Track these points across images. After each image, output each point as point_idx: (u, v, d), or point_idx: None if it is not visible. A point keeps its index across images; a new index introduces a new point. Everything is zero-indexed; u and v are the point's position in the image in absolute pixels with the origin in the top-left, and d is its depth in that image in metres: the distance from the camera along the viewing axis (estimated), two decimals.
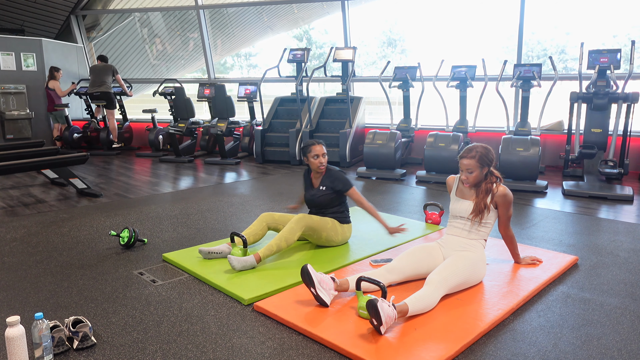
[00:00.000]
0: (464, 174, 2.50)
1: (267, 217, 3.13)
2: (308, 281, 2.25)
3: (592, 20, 14.58)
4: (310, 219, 3.01)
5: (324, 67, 7.20)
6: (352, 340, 1.96)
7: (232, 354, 1.93)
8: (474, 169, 2.46)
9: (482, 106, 6.42)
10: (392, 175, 5.79)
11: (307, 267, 2.26)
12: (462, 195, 2.60)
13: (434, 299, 2.20)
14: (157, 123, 8.27)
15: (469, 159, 2.46)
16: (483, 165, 2.47)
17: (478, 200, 2.50)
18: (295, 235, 2.91)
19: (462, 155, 2.49)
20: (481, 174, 2.49)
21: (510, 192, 2.54)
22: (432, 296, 2.20)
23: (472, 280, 2.45)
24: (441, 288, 2.25)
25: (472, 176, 2.48)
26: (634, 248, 3.23)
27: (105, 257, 3.07)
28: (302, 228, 2.95)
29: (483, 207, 2.48)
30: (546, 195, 4.89)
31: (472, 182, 2.50)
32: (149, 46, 11.29)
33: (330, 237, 3.12)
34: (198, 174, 6.29)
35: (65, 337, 1.96)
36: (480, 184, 2.52)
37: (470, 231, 2.53)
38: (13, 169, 4.74)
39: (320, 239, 3.10)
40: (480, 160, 2.45)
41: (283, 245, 2.87)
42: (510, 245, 2.76)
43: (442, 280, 2.27)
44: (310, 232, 3.03)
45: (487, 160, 2.47)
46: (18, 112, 8.31)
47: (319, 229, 3.05)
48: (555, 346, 1.98)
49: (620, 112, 5.19)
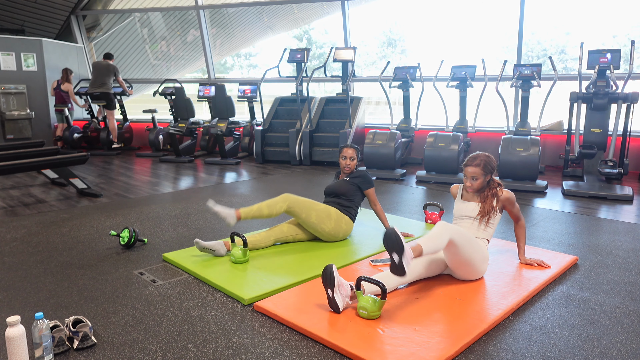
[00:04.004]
0: (469, 181, 2.63)
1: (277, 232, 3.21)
2: (328, 282, 2.20)
3: (592, 20, 14.59)
4: (295, 197, 3.17)
5: (324, 67, 7.20)
6: (352, 340, 1.96)
7: (232, 354, 1.93)
8: (478, 176, 2.60)
9: (482, 106, 6.43)
10: (392, 175, 5.80)
11: (331, 268, 2.21)
12: (467, 199, 2.74)
13: (442, 240, 2.28)
14: (157, 123, 8.27)
15: (474, 167, 2.60)
16: (487, 172, 2.61)
17: (485, 203, 2.64)
18: (277, 204, 3.11)
19: (466, 164, 2.63)
20: (484, 180, 2.63)
21: (512, 192, 2.69)
22: (441, 236, 2.28)
23: (473, 264, 2.47)
24: (450, 232, 2.31)
25: (476, 183, 2.62)
26: (633, 248, 3.23)
27: (105, 257, 3.07)
28: (287, 201, 3.12)
29: (490, 209, 2.62)
30: (546, 195, 4.89)
31: (477, 188, 2.64)
32: (150, 46, 11.30)
33: (322, 220, 3.14)
34: (198, 174, 6.29)
35: (66, 337, 1.96)
36: (483, 190, 2.67)
37: (477, 230, 2.64)
38: (13, 169, 4.74)
39: (310, 218, 3.13)
40: (485, 168, 2.60)
41: (264, 211, 3.08)
42: (521, 234, 2.83)
43: (452, 227, 2.34)
44: (297, 209, 3.12)
45: (491, 167, 2.62)
46: (18, 112, 8.31)
47: (307, 207, 3.14)
48: (555, 346, 1.98)
49: (620, 112, 5.19)
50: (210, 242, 2.96)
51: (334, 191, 3.37)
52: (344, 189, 3.33)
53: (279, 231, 3.19)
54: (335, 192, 3.36)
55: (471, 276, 2.54)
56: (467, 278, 2.55)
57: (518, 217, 2.79)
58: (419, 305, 2.28)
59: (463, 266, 2.47)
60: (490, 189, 2.66)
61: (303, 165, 6.94)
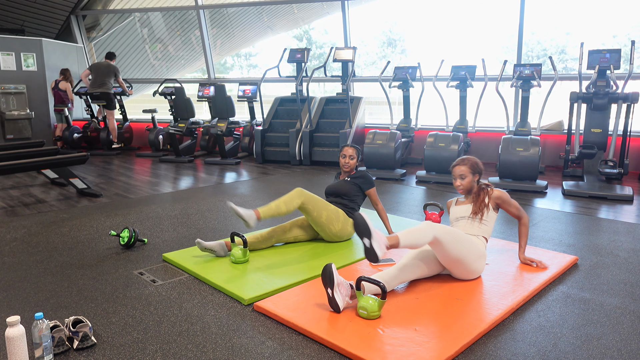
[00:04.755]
0: (458, 180, 2.74)
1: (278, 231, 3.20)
2: (328, 281, 2.20)
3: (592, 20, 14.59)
4: (308, 193, 3.12)
5: (324, 67, 7.20)
6: (352, 340, 1.96)
7: (232, 354, 1.93)
8: (466, 174, 2.71)
9: (482, 106, 6.43)
10: (392, 175, 5.80)
11: (331, 267, 2.21)
12: (460, 204, 2.83)
13: (424, 236, 2.33)
14: (157, 123, 8.27)
15: (462, 166, 2.73)
16: (474, 172, 2.73)
17: (476, 201, 2.71)
18: (294, 201, 3.03)
19: (455, 164, 2.77)
20: (473, 180, 2.73)
21: (503, 191, 2.77)
22: (424, 233, 2.33)
23: (466, 261, 2.46)
24: (434, 230, 2.33)
25: (464, 181, 2.72)
26: (634, 248, 3.23)
27: (105, 257, 3.07)
28: (302, 197, 3.06)
29: (482, 206, 2.69)
30: (546, 195, 4.89)
31: (466, 186, 2.73)
32: (150, 46, 11.30)
33: (331, 221, 3.15)
34: (198, 174, 6.29)
35: (66, 337, 1.96)
36: (472, 191, 2.76)
37: (472, 227, 2.68)
38: (13, 169, 4.74)
39: (321, 217, 3.12)
40: (472, 168, 2.72)
41: (282, 209, 2.98)
42: (524, 232, 2.85)
43: (438, 226, 2.37)
44: (310, 206, 3.09)
45: (478, 168, 2.74)
46: (18, 112, 8.31)
47: (319, 206, 3.12)
48: (555, 346, 1.98)
49: (620, 112, 5.19)
50: (212, 243, 2.96)
51: (335, 191, 3.37)
52: (345, 189, 3.34)
53: (280, 231, 3.19)
54: (336, 192, 3.36)
55: (467, 274, 2.54)
56: (464, 277, 2.55)
57: (519, 215, 2.82)
58: (419, 305, 2.28)
59: (455, 264, 2.48)
60: (480, 189, 2.75)
61: (303, 165, 6.94)
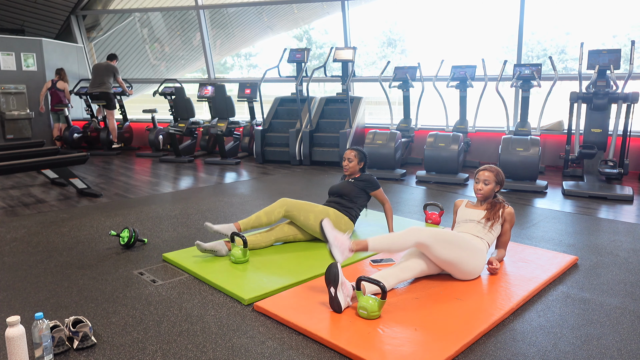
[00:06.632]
0: (481, 184, 2.77)
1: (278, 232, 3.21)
2: (332, 280, 2.20)
3: (592, 20, 14.59)
4: (291, 200, 3.20)
5: (324, 67, 7.20)
6: (352, 340, 1.96)
7: (232, 354, 1.93)
8: (490, 181, 2.76)
9: (482, 106, 6.43)
10: (392, 175, 5.80)
11: (337, 266, 2.21)
12: (472, 207, 2.85)
13: (402, 241, 2.38)
14: (157, 123, 8.27)
15: (489, 172, 2.78)
16: (497, 181, 2.78)
17: (492, 210, 2.74)
18: (275, 211, 3.14)
19: (482, 168, 2.81)
20: (494, 189, 2.78)
21: (513, 211, 2.81)
22: (403, 238, 2.38)
23: (459, 262, 2.46)
24: (417, 235, 2.36)
25: (487, 187, 2.76)
26: (633, 248, 3.23)
27: (105, 257, 3.07)
28: (284, 206, 3.16)
29: (496, 217, 2.73)
30: (546, 195, 4.89)
31: (485, 193, 2.77)
32: (151, 47, 11.29)
33: (319, 219, 3.13)
34: (198, 174, 6.29)
35: (66, 337, 1.96)
36: (488, 199, 2.80)
37: (479, 232, 2.69)
38: (13, 169, 4.74)
39: (308, 219, 3.13)
40: (497, 177, 2.78)
41: (263, 219, 3.12)
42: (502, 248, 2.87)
43: (423, 230, 2.40)
44: (295, 212, 3.14)
45: (501, 178, 2.80)
46: (18, 112, 8.31)
47: (305, 210, 3.15)
48: (555, 346, 1.98)
49: (620, 112, 5.19)
50: (212, 243, 2.96)
51: (337, 191, 3.40)
52: (347, 189, 3.36)
53: (279, 231, 3.19)
54: (338, 192, 3.39)
55: (465, 275, 2.53)
56: (462, 277, 2.54)
57: (507, 236, 2.83)
58: (419, 305, 2.28)
59: (450, 266, 2.48)
60: (497, 202, 2.78)
61: (303, 165, 6.94)
